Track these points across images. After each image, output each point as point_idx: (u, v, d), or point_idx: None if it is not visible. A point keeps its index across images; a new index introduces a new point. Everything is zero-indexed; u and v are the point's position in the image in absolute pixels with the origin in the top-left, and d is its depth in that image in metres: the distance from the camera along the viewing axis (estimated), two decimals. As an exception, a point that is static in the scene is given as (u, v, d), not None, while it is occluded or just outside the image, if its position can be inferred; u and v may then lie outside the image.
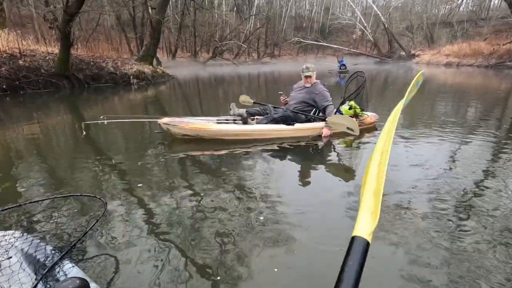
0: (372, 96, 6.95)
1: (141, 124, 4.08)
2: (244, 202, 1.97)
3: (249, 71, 20.10)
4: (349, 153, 3.22)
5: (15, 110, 5.88)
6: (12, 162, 2.95)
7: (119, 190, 2.17)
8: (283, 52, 33.01)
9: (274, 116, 3.42)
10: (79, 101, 7.35)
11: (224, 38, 28.06)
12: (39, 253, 1.15)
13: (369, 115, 3.82)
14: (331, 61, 26.75)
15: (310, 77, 3.57)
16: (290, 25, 34.62)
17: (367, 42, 33.16)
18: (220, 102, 7.51)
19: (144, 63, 10.96)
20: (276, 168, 2.67)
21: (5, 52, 7.62)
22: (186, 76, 15.66)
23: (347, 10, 37.75)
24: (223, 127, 3.34)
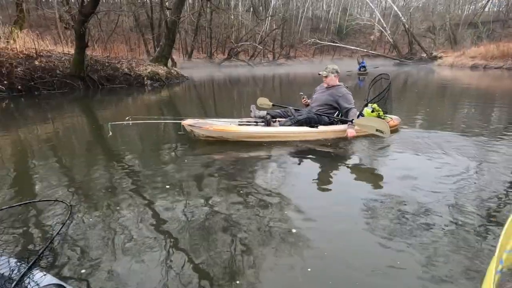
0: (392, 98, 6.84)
1: (163, 125, 4.06)
2: (265, 207, 1.89)
3: (264, 73, 19.95)
4: (374, 157, 3.04)
5: (30, 111, 5.79)
6: (25, 162, 2.92)
7: (132, 191, 2.13)
8: (299, 54, 32.46)
9: (298, 118, 3.38)
10: (93, 102, 7.23)
11: (240, 39, 27.83)
12: (2, 268, 1.07)
13: (392, 118, 3.73)
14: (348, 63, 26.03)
15: (326, 77, 3.54)
16: (306, 26, 34.02)
17: (385, 43, 32.12)
18: (235, 104, 7.27)
19: (159, 64, 10.79)
20: (298, 171, 2.58)
21: (21, 52, 7.58)
22: (202, 77, 15.56)
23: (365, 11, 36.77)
24: (247, 129, 3.31)
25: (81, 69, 8.14)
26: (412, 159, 2.81)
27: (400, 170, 2.50)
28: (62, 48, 8.77)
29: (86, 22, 7.55)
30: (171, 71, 11.16)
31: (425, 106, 6.22)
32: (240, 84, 12.59)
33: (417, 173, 2.41)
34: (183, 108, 6.66)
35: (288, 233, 1.59)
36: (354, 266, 1.36)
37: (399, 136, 3.56)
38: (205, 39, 27.63)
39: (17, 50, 7.54)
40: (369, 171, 2.66)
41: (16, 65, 7.14)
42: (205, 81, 13.55)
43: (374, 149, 3.21)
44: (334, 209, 1.91)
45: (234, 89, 10.56)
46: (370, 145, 3.29)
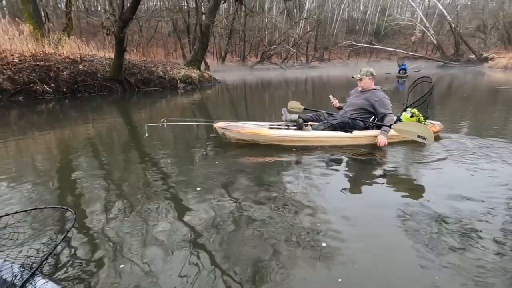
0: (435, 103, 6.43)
1: (196, 127, 4.11)
2: (295, 213, 1.82)
3: (296, 76, 19.73)
4: (412, 165, 2.80)
5: (73, 112, 6.14)
6: (66, 160, 3.03)
7: (162, 192, 2.13)
8: (333, 56, 31.62)
9: (332, 123, 3.26)
10: (129, 104, 7.51)
11: (273, 42, 27.77)
12: (5, 273, 1.07)
13: (434, 123, 3.48)
14: (386, 65, 24.73)
15: (361, 80, 3.38)
16: (341, 28, 33.07)
17: (428, 44, 30.16)
18: (266, 107, 7.15)
19: (192, 67, 11.01)
20: (330, 178, 2.43)
21: (68, 57, 8.12)
22: (234, 80, 15.70)
23: (406, 11, 34.87)
24: (279, 132, 3.22)
25: (119, 72, 8.51)
26: (455, 169, 2.57)
27: (441, 180, 2.30)
28: (104, 53, 9.29)
29: (125, 28, 7.88)
30: (203, 74, 11.33)
31: (472, 112, 5.62)
32: (271, 87, 12.47)
33: (460, 184, 2.22)
34: (215, 110, 6.67)
35: (317, 242, 1.53)
36: (388, 281, 1.28)
37: (441, 143, 3.31)
38: (238, 43, 27.97)
39: (64, 55, 8.09)
40: (407, 181, 2.45)
41: (63, 69, 7.65)
42: (237, 84, 13.63)
43: (413, 156, 3.00)
44: (367, 220, 1.78)
45: (265, 92, 10.45)
46: (408, 152, 3.09)
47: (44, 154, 3.22)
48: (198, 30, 11.47)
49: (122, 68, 8.57)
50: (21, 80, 6.93)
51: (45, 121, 5.17)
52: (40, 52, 7.72)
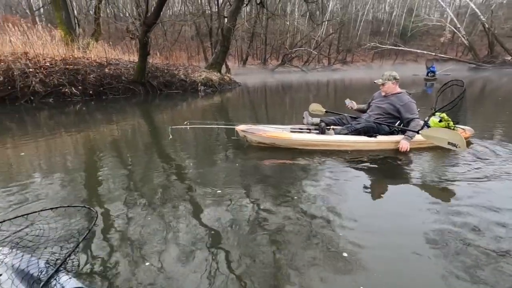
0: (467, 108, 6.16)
1: (217, 130, 4.15)
2: (315, 219, 1.78)
3: (318, 78, 19.47)
4: (440, 173, 2.60)
5: (99, 114, 6.35)
6: (91, 161, 3.13)
7: (180, 193, 2.16)
8: (356, 59, 30.86)
9: (356, 127, 3.18)
10: (152, 106, 7.66)
11: (294, 45, 27.56)
12: (31, 268, 1.11)
13: (465, 129, 3.34)
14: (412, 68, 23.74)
15: (383, 84, 3.27)
16: (365, 29, 32.25)
17: (458, 45, 28.68)
18: (286, 110, 7.04)
19: (213, 70, 11.10)
20: (353, 185, 2.35)
21: (95, 61, 8.44)
22: (255, 83, 15.71)
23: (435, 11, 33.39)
24: (301, 136, 3.15)
25: (142, 75, 8.73)
26: (486, 177, 2.38)
27: (470, 190, 2.16)
28: (128, 57, 9.59)
29: (149, 32, 8.07)
30: (224, 77, 11.40)
31: (508, 117, 5.22)
32: (292, 90, 12.32)
33: (491, 195, 2.06)
34: (235, 113, 6.67)
35: (338, 249, 1.50)
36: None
37: (472, 150, 3.12)
38: (260, 46, 28.02)
39: (91, 59, 8.42)
40: (433, 189, 2.28)
41: (90, 72, 7.96)
42: (258, 87, 13.60)
43: (440, 163, 2.83)
44: (390, 228, 1.71)
45: (286, 95, 10.32)
46: (435, 159, 2.93)
47: (70, 154, 3.34)
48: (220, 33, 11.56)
49: (145, 71, 8.79)
50: (52, 83, 7.28)
51: (73, 122, 5.39)
52: (70, 56, 8.08)
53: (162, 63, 10.25)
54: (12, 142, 3.86)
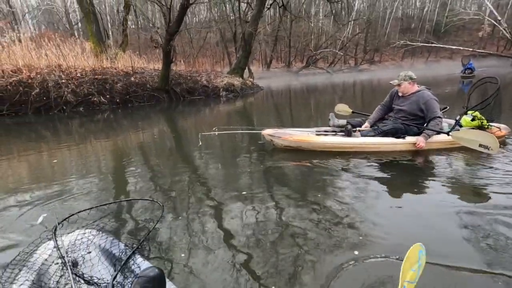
0: (505, 106, 5.96)
1: (243, 134, 4.19)
2: (339, 225, 1.75)
3: (344, 80, 18.94)
4: (473, 174, 2.50)
5: (125, 121, 6.54)
6: (122, 166, 3.26)
7: (213, 195, 2.26)
8: (385, 58, 29.51)
9: (383, 129, 3.09)
10: (175, 113, 7.79)
11: (319, 46, 26.96)
12: (113, 249, 1.26)
13: (500, 127, 3.18)
14: (447, 65, 22.21)
15: (399, 85, 3.16)
16: (394, 27, 30.75)
17: (499, 39, 26.35)
18: (309, 113, 6.83)
19: (235, 75, 11.08)
20: (381, 188, 2.27)
21: (122, 70, 8.74)
22: (279, 86, 15.57)
23: (472, 3, 31.06)
24: (327, 139, 3.14)
25: (166, 83, 8.90)
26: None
27: (505, 193, 2.03)
28: (153, 65, 9.84)
29: (172, 41, 8.20)
30: (246, 81, 11.33)
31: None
32: (317, 92, 12.02)
33: None
34: (257, 117, 6.60)
35: (360, 254, 1.46)
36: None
37: (506, 149, 2.99)
38: (284, 49, 27.76)
39: (119, 69, 8.73)
40: (467, 192, 2.18)
41: (117, 81, 8.24)
42: (282, 90, 13.47)
43: (472, 164, 2.71)
44: (420, 235, 1.64)
45: (310, 98, 10.11)
46: (467, 159, 2.82)
47: (99, 161, 3.44)
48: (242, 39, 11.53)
49: (169, 79, 8.95)
50: (82, 92, 7.62)
51: (101, 129, 5.59)
52: (99, 66, 8.42)
53: (185, 70, 10.40)
54: (48, 149, 4.13)
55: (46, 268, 1.13)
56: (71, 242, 1.26)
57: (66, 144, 4.33)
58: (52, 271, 1.11)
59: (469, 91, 3.62)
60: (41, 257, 1.17)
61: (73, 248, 1.23)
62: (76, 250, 1.23)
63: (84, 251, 1.21)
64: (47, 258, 1.17)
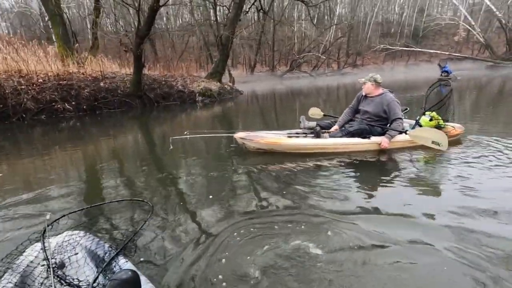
0: (481, 108, 6.27)
1: (217, 139, 4.13)
2: (313, 218, 1.84)
3: (327, 83, 18.98)
4: (432, 170, 2.78)
5: (94, 129, 6.06)
6: (94, 172, 3.20)
7: (185, 197, 2.28)
8: (367, 61, 29.75)
9: (349, 130, 3.26)
10: (149, 119, 7.31)
11: (302, 50, 26.87)
12: (99, 250, 1.27)
13: (455, 126, 3.43)
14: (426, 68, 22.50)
15: (364, 83, 3.36)
16: (375, 32, 31.10)
17: (474, 43, 27.04)
18: (288, 117, 6.59)
19: (213, 79, 10.66)
20: (349, 184, 2.42)
21: (90, 75, 8.18)
22: (263, 90, 15.30)
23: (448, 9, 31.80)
24: (297, 141, 3.23)
25: (139, 88, 8.40)
26: (477, 174, 2.44)
27: (463, 187, 2.21)
28: (125, 70, 9.29)
29: (142, 44, 7.73)
30: (224, 86, 10.92)
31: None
32: (301, 96, 11.77)
33: (484, 192, 2.11)
34: (234, 123, 6.32)
35: (337, 248, 1.53)
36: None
37: (459, 147, 3.23)
38: (268, 52, 27.52)
39: (86, 74, 8.16)
40: (425, 185, 2.36)
41: (84, 87, 7.68)
42: (266, 94, 13.19)
43: (433, 161, 2.95)
44: (388, 227, 1.72)
45: (294, 102, 9.84)
46: (426, 157, 3.04)
47: (70, 169, 3.30)
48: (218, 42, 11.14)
49: (142, 84, 8.45)
50: (44, 99, 7.03)
51: (67, 138, 5.18)
52: (64, 71, 7.84)
53: (160, 74, 9.89)
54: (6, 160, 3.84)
55: (31, 270, 1.13)
56: (59, 243, 1.25)
57: (31, 154, 4.04)
58: (37, 273, 1.11)
59: (426, 93, 3.78)
60: (27, 259, 1.17)
61: (60, 250, 1.22)
62: (63, 251, 1.22)
63: (70, 252, 1.21)
64: (33, 260, 1.16)
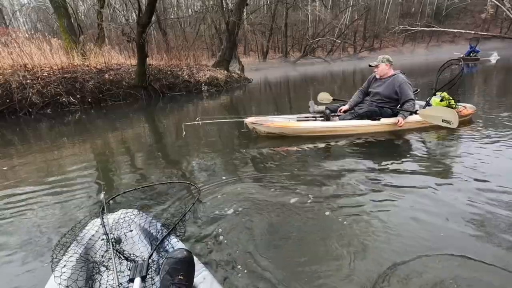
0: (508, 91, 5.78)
1: (227, 124, 4.12)
2: (324, 199, 1.84)
3: (343, 68, 18.14)
4: (442, 148, 2.69)
5: (100, 121, 5.90)
6: (108, 160, 3.17)
7: (211, 181, 2.25)
8: (385, 44, 28.08)
9: (359, 112, 3.21)
10: (155, 110, 7.07)
11: (316, 35, 25.63)
12: (151, 228, 1.31)
13: (466, 106, 3.37)
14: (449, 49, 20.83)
15: (377, 66, 3.28)
16: (394, 12, 29.12)
17: (503, 21, 24.68)
18: (301, 105, 6.25)
19: (220, 68, 10.20)
20: (358, 165, 2.36)
21: (95, 67, 7.97)
22: (276, 77, 14.79)
23: (475, -16, 29.05)
24: (307, 124, 3.22)
25: (143, 79, 8.13)
26: (489, 154, 2.36)
27: (474, 167, 2.13)
28: (131, 61, 9.01)
29: (144, 33, 7.38)
30: (231, 74, 10.44)
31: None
32: (315, 82, 11.10)
33: (486, 169, 2.07)
34: (241, 112, 6.00)
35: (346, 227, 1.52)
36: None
37: (471, 127, 3.17)
38: (281, 38, 26.50)
39: (91, 66, 7.96)
40: (436, 166, 2.27)
41: (88, 80, 7.49)
42: (278, 81, 12.65)
43: (443, 140, 2.88)
44: (400, 208, 1.68)
45: (307, 88, 9.26)
46: (438, 137, 2.99)
47: (80, 163, 3.15)
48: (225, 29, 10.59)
49: (146, 74, 8.17)
50: (49, 93, 6.90)
51: (74, 131, 5.03)
52: (69, 64, 7.68)
53: (166, 64, 9.53)
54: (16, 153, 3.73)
55: (93, 243, 1.19)
56: (115, 220, 1.30)
57: (33, 149, 3.87)
58: (98, 246, 1.18)
59: (437, 73, 3.67)
60: (89, 233, 1.24)
61: (117, 226, 1.27)
62: (119, 228, 1.27)
63: (126, 229, 1.26)
64: (94, 234, 1.23)
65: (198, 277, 0.99)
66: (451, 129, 2.95)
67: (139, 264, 1.01)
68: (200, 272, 1.02)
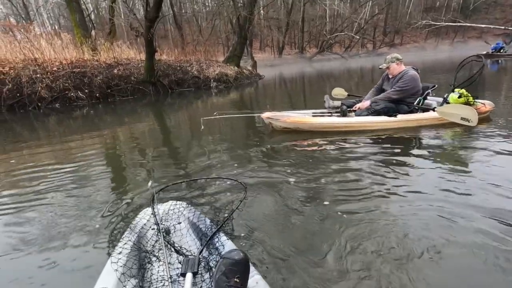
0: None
1: (242, 119, 4.11)
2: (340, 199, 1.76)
3: (361, 65, 17.41)
4: (459, 146, 2.56)
5: (108, 117, 5.78)
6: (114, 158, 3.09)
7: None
8: (406, 40, 26.67)
9: (375, 108, 3.14)
10: (164, 106, 6.87)
11: (334, 30, 24.68)
12: (200, 223, 1.26)
13: (485, 103, 3.18)
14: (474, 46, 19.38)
15: (388, 68, 3.20)
16: (417, 6, 27.52)
17: (538, 15, 22.66)
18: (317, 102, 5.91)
19: (230, 64, 9.85)
20: (373, 163, 2.26)
21: (104, 62, 7.86)
22: (291, 73, 14.29)
23: (508, -24, 26.87)
24: (324, 120, 3.19)
25: (152, 74, 7.94)
26: (503, 152, 2.24)
27: (492, 166, 2.03)
28: (140, 56, 8.84)
29: (152, 28, 7.15)
30: (242, 70, 10.06)
31: None
32: (331, 79, 10.55)
33: (503, 170, 1.96)
34: (255, 108, 5.71)
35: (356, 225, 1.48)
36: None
37: (489, 124, 3.06)
38: (297, 34, 25.75)
39: (100, 61, 7.85)
40: (452, 164, 2.14)
41: (97, 75, 7.38)
42: (294, 77, 12.17)
43: (460, 138, 2.75)
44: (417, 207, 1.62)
45: (323, 85, 8.81)
46: (455, 134, 2.87)
47: (88, 158, 3.09)
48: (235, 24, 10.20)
49: (155, 70, 7.97)
50: (58, 87, 6.84)
51: (82, 126, 4.96)
52: (79, 59, 7.59)
53: (175, 60, 9.30)
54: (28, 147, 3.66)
55: (145, 232, 1.20)
56: (165, 211, 1.29)
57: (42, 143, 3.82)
58: (149, 236, 1.18)
59: (456, 70, 3.56)
60: (141, 222, 1.24)
61: (166, 217, 1.27)
62: (169, 219, 1.26)
63: (175, 221, 1.25)
64: (146, 223, 1.24)
65: (251, 279, 0.92)
66: (469, 126, 2.87)
67: (191, 259, 0.97)
68: (252, 275, 0.95)
